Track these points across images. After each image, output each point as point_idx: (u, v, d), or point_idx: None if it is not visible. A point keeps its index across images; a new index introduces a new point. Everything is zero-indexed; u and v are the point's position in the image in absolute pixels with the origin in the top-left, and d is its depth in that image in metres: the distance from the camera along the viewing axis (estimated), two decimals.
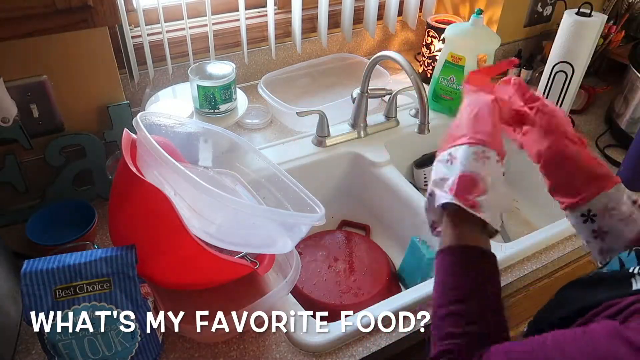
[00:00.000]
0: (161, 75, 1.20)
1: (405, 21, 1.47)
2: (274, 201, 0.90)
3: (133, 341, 0.69)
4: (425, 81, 1.41)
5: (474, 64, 1.18)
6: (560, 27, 1.16)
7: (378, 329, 0.80)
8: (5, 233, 0.92)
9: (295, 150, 1.12)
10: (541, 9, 1.48)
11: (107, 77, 0.96)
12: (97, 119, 0.98)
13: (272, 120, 1.23)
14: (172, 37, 1.16)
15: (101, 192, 1.00)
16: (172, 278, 0.74)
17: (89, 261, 0.66)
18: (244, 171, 0.94)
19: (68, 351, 0.66)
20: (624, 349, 0.35)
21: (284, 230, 0.76)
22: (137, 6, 1.06)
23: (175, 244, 0.67)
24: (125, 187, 0.70)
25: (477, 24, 1.16)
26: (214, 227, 0.69)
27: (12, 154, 0.90)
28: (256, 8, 1.29)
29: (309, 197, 0.83)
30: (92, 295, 0.65)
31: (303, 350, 0.76)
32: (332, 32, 1.37)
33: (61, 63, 0.90)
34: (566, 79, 1.18)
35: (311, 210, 0.82)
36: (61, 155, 0.95)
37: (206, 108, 1.11)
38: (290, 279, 0.78)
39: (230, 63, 1.13)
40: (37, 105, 0.90)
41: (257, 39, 1.27)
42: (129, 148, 0.73)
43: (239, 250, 0.81)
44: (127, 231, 0.71)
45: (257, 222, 0.70)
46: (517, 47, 1.50)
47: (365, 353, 0.77)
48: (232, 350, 0.76)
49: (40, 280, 0.64)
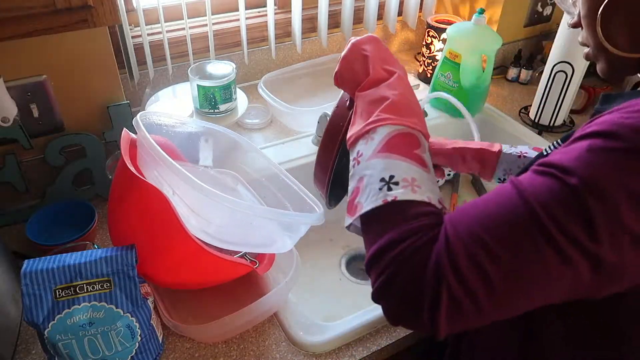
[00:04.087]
0: (161, 75, 1.20)
1: (405, 21, 1.47)
2: (274, 200, 0.90)
3: (133, 341, 0.69)
4: (426, 81, 1.41)
5: (474, 62, 1.18)
6: (560, 27, 1.16)
7: (378, 329, 0.80)
8: (5, 233, 0.93)
9: (295, 150, 1.12)
10: (541, 9, 1.48)
11: (107, 77, 0.96)
12: (97, 119, 0.98)
13: (272, 120, 1.23)
14: (172, 37, 1.16)
15: (101, 192, 1.00)
16: (172, 278, 0.74)
17: (89, 261, 0.66)
18: (245, 170, 0.95)
19: (68, 351, 0.66)
20: (509, 186, 0.45)
21: (283, 230, 0.76)
22: (137, 6, 1.06)
23: (175, 243, 0.67)
24: (125, 187, 0.70)
25: (479, 23, 1.16)
26: (213, 227, 0.69)
27: (12, 154, 0.90)
28: (256, 8, 1.29)
29: (308, 196, 0.84)
30: (92, 295, 0.65)
31: (303, 350, 0.76)
32: (332, 32, 1.37)
33: (61, 63, 0.90)
34: (566, 79, 1.18)
35: (311, 209, 0.82)
36: (61, 155, 0.95)
37: (206, 108, 1.10)
38: (290, 279, 0.78)
39: (230, 63, 1.13)
40: (37, 105, 0.90)
41: (257, 39, 1.27)
42: (129, 148, 0.73)
43: (237, 250, 0.81)
44: (127, 231, 0.71)
45: (256, 222, 0.70)
46: (517, 47, 1.50)
47: (365, 353, 0.77)
48: (232, 350, 0.76)
49: (40, 280, 0.64)
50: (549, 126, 1.26)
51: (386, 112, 0.55)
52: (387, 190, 0.49)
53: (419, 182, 0.50)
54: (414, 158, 0.52)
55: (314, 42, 1.37)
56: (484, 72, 1.21)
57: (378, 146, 0.52)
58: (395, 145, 0.52)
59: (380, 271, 0.46)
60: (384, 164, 0.51)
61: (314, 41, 1.37)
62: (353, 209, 0.52)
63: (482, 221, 0.44)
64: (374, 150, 0.52)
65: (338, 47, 1.42)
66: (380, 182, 0.50)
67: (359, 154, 0.54)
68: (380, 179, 0.50)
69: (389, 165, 0.51)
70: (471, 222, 0.44)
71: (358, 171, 0.53)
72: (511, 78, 1.48)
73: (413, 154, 0.52)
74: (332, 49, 1.41)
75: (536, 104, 1.27)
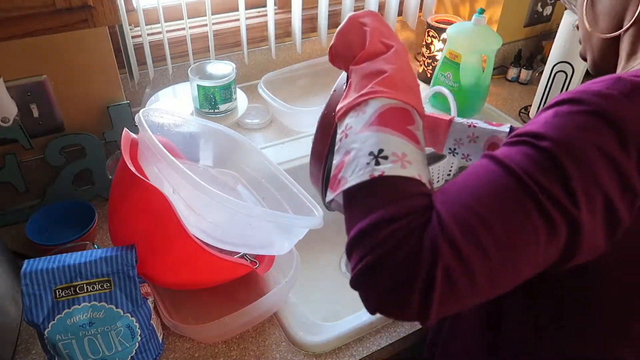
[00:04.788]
0: (161, 75, 1.20)
1: (405, 21, 1.47)
2: (274, 202, 0.90)
3: (133, 341, 0.69)
4: (426, 81, 1.41)
5: (474, 62, 1.18)
6: (560, 27, 1.16)
7: (378, 329, 0.80)
8: (5, 233, 0.93)
9: (295, 150, 1.12)
10: (541, 9, 1.49)
11: (107, 77, 0.96)
12: (97, 119, 0.98)
13: (272, 120, 1.23)
14: (172, 37, 1.16)
15: (101, 192, 1.00)
16: (172, 278, 0.74)
17: (89, 261, 0.66)
18: (245, 170, 0.95)
19: (68, 351, 0.66)
20: (485, 161, 0.45)
21: (281, 232, 0.76)
22: (137, 6, 1.06)
23: (175, 243, 0.67)
24: (125, 187, 0.70)
25: (479, 23, 1.16)
26: (211, 226, 0.69)
27: (12, 154, 0.90)
28: (256, 8, 1.29)
29: (308, 199, 0.83)
30: (92, 295, 0.65)
31: (303, 350, 0.76)
32: (332, 32, 1.37)
33: (61, 63, 0.90)
34: (566, 79, 1.18)
35: (310, 212, 0.81)
36: (61, 155, 0.95)
37: (206, 108, 1.10)
38: (290, 279, 0.78)
39: (230, 63, 1.13)
40: (37, 105, 0.90)
41: (257, 39, 1.27)
42: (129, 148, 0.73)
43: (235, 251, 0.81)
44: (127, 231, 0.71)
45: (254, 223, 0.70)
46: (517, 47, 1.50)
47: (365, 353, 0.77)
48: (232, 350, 0.76)
49: (40, 280, 0.64)
50: None
51: (381, 86, 0.52)
52: (375, 164, 0.46)
53: (410, 158, 0.47)
54: (406, 134, 0.49)
55: (314, 42, 1.37)
56: (483, 72, 1.21)
57: (369, 119, 0.50)
58: (388, 119, 0.49)
59: (364, 253, 0.43)
60: (374, 138, 0.48)
61: (314, 41, 1.37)
62: (336, 183, 0.49)
63: (471, 196, 0.43)
64: (365, 123, 0.50)
65: None
66: (368, 156, 0.47)
67: (347, 127, 0.51)
68: (369, 152, 0.47)
69: (379, 139, 0.48)
70: (462, 199, 0.43)
71: (344, 144, 0.50)
72: (511, 78, 1.48)
73: (406, 129, 0.49)
74: None
75: (536, 104, 1.27)
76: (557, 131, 0.43)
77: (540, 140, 0.43)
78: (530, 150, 0.43)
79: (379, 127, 0.48)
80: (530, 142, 0.43)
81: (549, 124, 0.44)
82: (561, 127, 0.43)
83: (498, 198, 0.42)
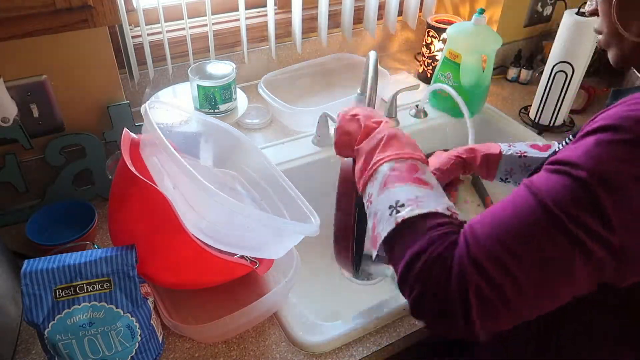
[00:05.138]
0: (161, 75, 1.20)
1: (405, 21, 1.47)
2: (272, 204, 0.89)
3: (133, 341, 0.69)
4: (425, 81, 1.41)
5: (474, 62, 1.18)
6: (560, 27, 1.16)
7: (378, 329, 0.80)
8: (5, 233, 0.93)
9: (295, 150, 1.12)
10: (541, 9, 1.49)
11: (107, 77, 0.96)
12: (97, 119, 0.98)
13: (272, 120, 1.23)
14: (172, 37, 1.16)
15: (101, 192, 1.00)
16: (172, 278, 0.74)
17: (89, 261, 0.66)
18: (245, 170, 0.94)
19: (68, 351, 0.66)
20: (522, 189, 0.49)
21: (277, 237, 0.76)
22: (137, 6, 1.06)
23: (175, 243, 0.67)
24: (125, 187, 0.70)
25: (479, 23, 1.16)
26: (208, 225, 0.68)
27: (12, 154, 0.90)
28: (256, 8, 1.29)
29: (306, 205, 0.83)
30: (92, 295, 0.65)
31: (303, 350, 0.76)
32: (332, 32, 1.37)
33: (61, 63, 0.90)
34: (566, 79, 1.18)
35: (306, 219, 0.81)
36: (61, 155, 0.95)
37: (206, 108, 1.10)
38: (290, 279, 0.78)
39: (230, 63, 1.13)
40: (37, 105, 0.90)
41: (257, 39, 1.27)
42: (129, 148, 0.73)
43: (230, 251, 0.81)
44: (127, 231, 0.71)
45: (251, 225, 0.70)
46: (517, 47, 1.50)
47: (365, 353, 0.77)
48: (232, 350, 0.76)
49: (40, 280, 0.64)
50: (549, 126, 1.26)
51: (381, 154, 0.61)
52: (396, 213, 0.54)
53: (422, 198, 0.54)
54: (414, 181, 0.57)
55: (314, 42, 1.37)
56: (484, 72, 1.21)
57: (382, 183, 0.58)
58: (396, 176, 0.58)
59: (409, 290, 0.50)
60: (390, 195, 0.56)
61: (314, 41, 1.37)
62: (374, 240, 0.57)
63: (499, 224, 0.47)
64: (380, 187, 0.58)
65: (338, 47, 1.42)
66: (389, 209, 0.55)
67: (370, 195, 0.60)
68: (389, 206, 0.55)
69: (394, 194, 0.56)
70: (489, 226, 0.48)
71: (371, 210, 0.59)
72: (511, 78, 1.48)
73: (413, 178, 0.57)
74: (332, 49, 1.41)
75: (536, 104, 1.27)
76: (596, 162, 0.45)
77: (578, 170, 0.45)
78: (567, 180, 0.46)
79: (390, 186, 0.57)
80: (568, 172, 0.46)
81: (589, 154, 0.46)
82: (600, 158, 0.45)
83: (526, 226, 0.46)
